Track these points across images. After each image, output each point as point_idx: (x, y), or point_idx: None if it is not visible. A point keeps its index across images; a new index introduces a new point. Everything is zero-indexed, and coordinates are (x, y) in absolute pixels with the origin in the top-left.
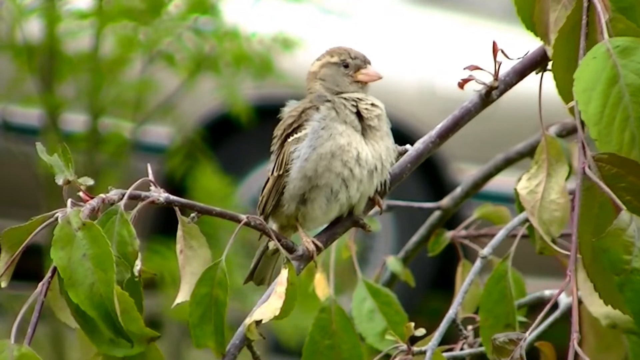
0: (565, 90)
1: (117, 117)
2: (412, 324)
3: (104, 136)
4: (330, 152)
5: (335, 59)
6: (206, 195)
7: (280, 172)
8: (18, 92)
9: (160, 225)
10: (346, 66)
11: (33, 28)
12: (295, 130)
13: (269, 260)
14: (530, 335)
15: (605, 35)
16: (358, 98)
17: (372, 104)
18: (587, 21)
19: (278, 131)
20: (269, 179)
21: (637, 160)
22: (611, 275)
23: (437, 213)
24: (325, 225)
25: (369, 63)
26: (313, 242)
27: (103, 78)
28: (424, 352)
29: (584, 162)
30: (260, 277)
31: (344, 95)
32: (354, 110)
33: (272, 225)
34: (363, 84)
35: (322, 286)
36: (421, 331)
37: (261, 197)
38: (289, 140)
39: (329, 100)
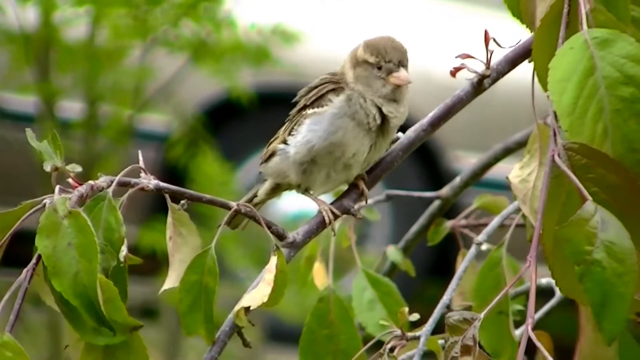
0: (545, 79)
1: (115, 104)
2: (406, 309)
3: (102, 123)
4: (331, 144)
5: (372, 59)
6: (206, 180)
7: (287, 141)
8: (15, 80)
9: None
10: (379, 68)
11: (29, 16)
12: (312, 105)
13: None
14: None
15: (585, 25)
16: (384, 102)
17: (396, 108)
18: (569, 11)
19: (301, 99)
20: (277, 137)
21: (608, 153)
22: (571, 265)
23: (436, 202)
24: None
25: (403, 66)
26: (331, 210)
27: (100, 66)
28: (418, 338)
29: (554, 149)
30: (236, 223)
31: (371, 97)
32: (374, 111)
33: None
34: (395, 87)
35: (320, 276)
36: (415, 316)
37: (265, 152)
38: (303, 113)
39: (350, 90)
